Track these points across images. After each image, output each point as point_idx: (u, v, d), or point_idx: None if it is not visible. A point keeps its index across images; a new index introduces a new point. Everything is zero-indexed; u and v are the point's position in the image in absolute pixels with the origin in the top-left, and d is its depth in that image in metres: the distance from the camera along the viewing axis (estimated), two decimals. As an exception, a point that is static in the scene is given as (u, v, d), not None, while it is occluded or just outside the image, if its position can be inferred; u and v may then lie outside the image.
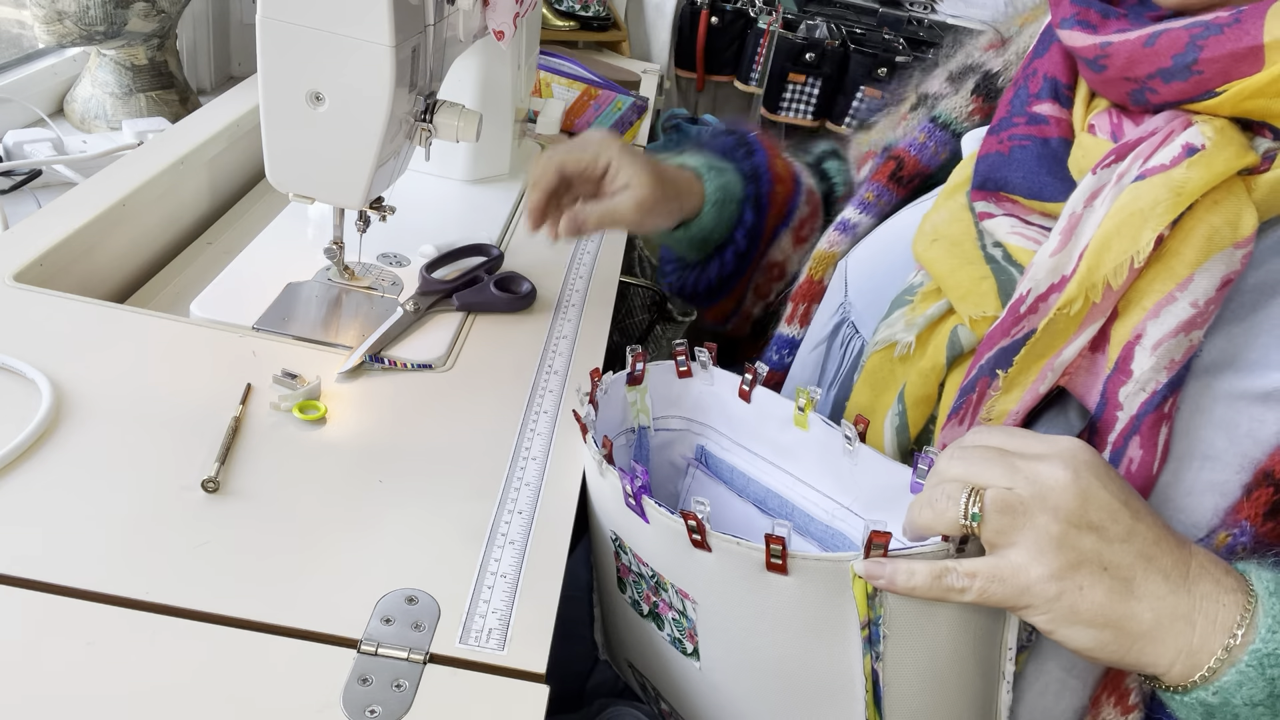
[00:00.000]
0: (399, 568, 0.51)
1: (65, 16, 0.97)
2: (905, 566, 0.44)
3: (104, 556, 0.49)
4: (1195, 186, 0.47)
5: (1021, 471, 0.43)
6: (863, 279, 0.65)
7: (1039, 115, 0.56)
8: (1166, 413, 0.47)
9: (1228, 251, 0.47)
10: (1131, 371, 0.47)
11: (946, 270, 0.56)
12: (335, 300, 0.75)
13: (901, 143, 0.72)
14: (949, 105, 0.70)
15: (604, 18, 1.64)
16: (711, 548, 0.49)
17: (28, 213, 0.79)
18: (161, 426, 0.58)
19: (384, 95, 0.63)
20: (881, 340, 0.58)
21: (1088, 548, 0.42)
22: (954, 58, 0.74)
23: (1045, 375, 0.50)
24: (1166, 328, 0.47)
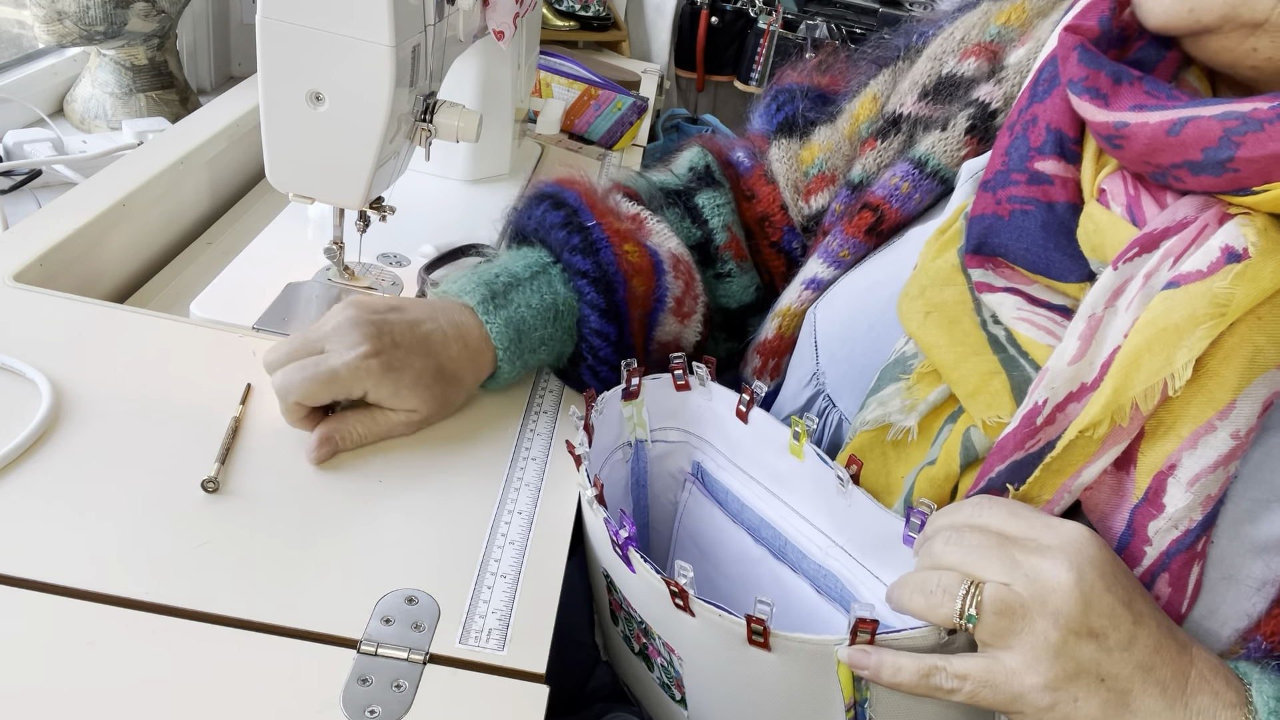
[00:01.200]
0: (399, 568, 0.51)
1: (65, 16, 0.97)
2: (891, 661, 0.42)
3: (104, 556, 0.49)
4: (1240, 304, 0.42)
5: (1021, 567, 0.41)
6: (834, 344, 0.59)
7: (1042, 174, 0.50)
8: (1200, 551, 0.43)
9: (1272, 374, 0.42)
10: (1164, 506, 0.43)
11: (950, 359, 0.50)
12: (335, 300, 0.75)
13: (878, 190, 0.62)
14: (939, 149, 0.60)
15: (604, 18, 1.64)
16: (695, 613, 0.47)
17: (28, 213, 0.79)
18: (161, 426, 0.58)
19: (384, 95, 0.63)
20: (873, 420, 0.53)
21: (1086, 657, 0.40)
22: (918, 63, 0.65)
23: (1062, 496, 0.46)
24: (1205, 462, 0.42)
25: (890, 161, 0.63)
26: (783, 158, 0.72)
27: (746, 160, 0.75)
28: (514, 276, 0.63)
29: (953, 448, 0.50)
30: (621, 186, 0.72)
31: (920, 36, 0.66)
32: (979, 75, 0.61)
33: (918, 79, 0.64)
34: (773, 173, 0.73)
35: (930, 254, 0.55)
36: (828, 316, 0.61)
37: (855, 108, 0.68)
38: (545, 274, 0.64)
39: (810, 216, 0.70)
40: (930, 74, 0.63)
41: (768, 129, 0.73)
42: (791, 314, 0.66)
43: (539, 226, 0.66)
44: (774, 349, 0.67)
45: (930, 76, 0.63)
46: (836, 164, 0.69)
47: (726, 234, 0.72)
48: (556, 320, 0.63)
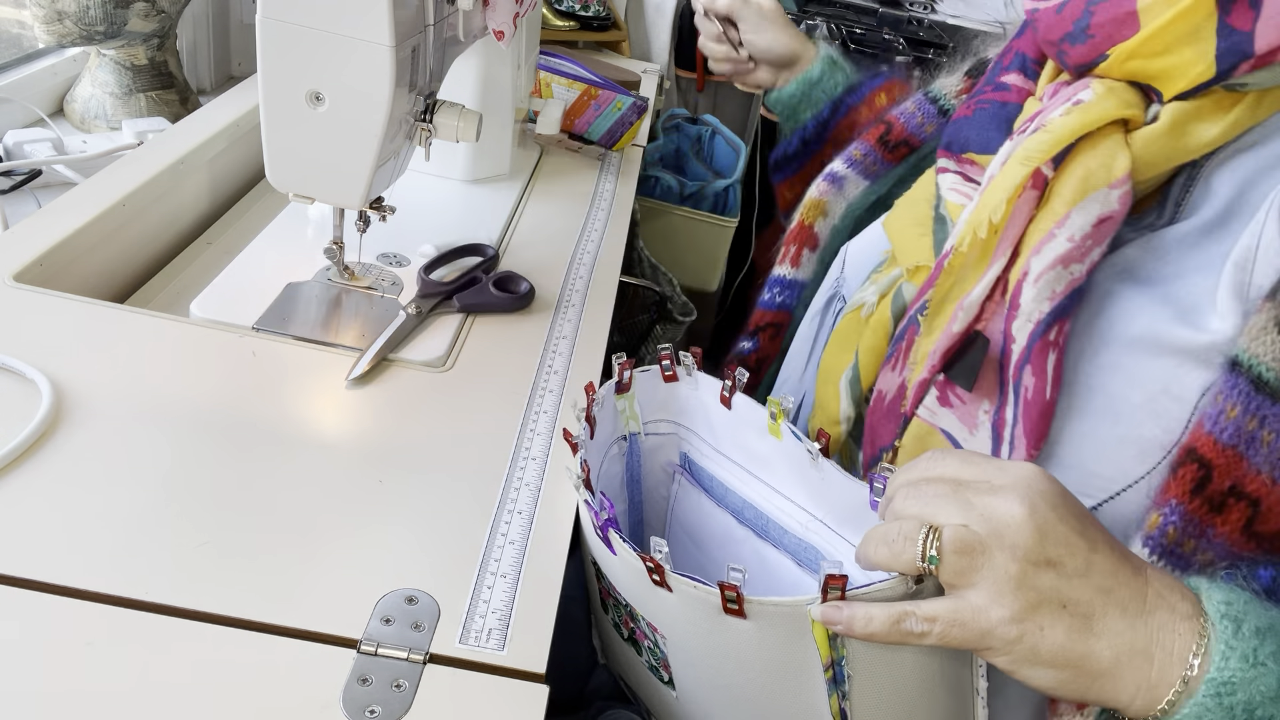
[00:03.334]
0: (399, 568, 0.51)
1: (65, 16, 0.97)
2: (863, 612, 0.43)
3: (104, 556, 0.49)
4: (1068, 130, 0.50)
5: (976, 507, 0.43)
6: (859, 258, 0.68)
7: (1004, 84, 0.61)
8: (1053, 341, 0.49)
9: (1102, 192, 0.50)
10: (1020, 305, 0.50)
11: (897, 230, 0.62)
12: (335, 300, 0.75)
13: (894, 110, 0.78)
14: (943, 84, 0.76)
15: (604, 18, 1.64)
16: (671, 588, 0.48)
17: (28, 213, 0.79)
18: (161, 426, 0.58)
19: (384, 95, 0.63)
20: (854, 301, 0.63)
21: (1046, 586, 0.41)
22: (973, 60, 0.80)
23: (957, 315, 0.53)
24: (1045, 261, 0.50)
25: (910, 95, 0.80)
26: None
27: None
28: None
29: (886, 301, 0.60)
30: None
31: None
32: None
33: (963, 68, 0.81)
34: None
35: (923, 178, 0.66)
36: (857, 246, 0.70)
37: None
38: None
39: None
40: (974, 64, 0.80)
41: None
42: (812, 203, 0.77)
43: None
44: (797, 237, 0.76)
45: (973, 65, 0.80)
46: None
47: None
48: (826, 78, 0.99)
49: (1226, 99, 0.49)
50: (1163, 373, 0.47)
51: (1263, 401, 0.44)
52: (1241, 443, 0.44)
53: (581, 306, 0.81)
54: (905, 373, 0.56)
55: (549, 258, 0.88)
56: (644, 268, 1.26)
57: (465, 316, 0.76)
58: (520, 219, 0.96)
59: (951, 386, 0.54)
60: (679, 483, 0.66)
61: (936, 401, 0.54)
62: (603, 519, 0.50)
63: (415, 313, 0.74)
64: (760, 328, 0.78)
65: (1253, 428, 0.44)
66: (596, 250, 0.92)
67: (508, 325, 0.77)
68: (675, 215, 1.36)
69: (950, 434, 0.54)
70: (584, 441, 0.55)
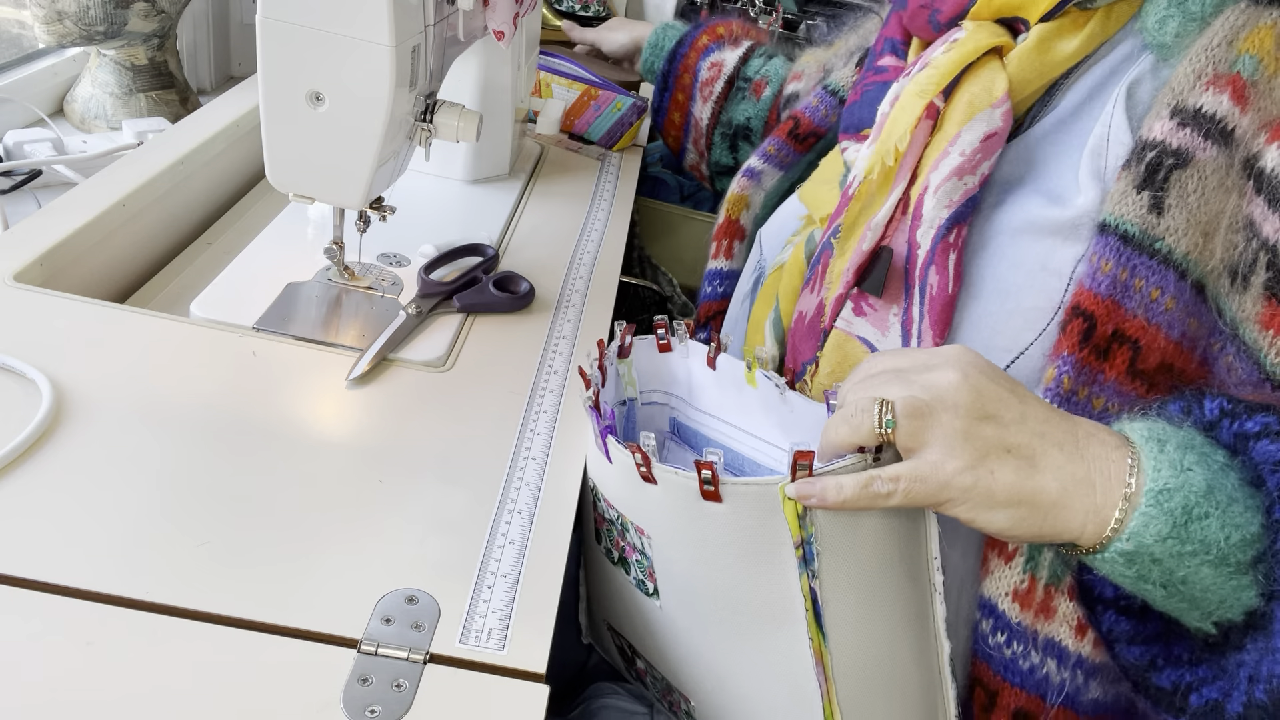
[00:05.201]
0: (399, 568, 0.51)
1: (65, 16, 0.97)
2: (834, 482, 0.47)
3: (104, 556, 0.49)
4: (951, 63, 0.59)
5: (917, 382, 0.47)
6: (772, 239, 0.76)
7: (881, 67, 0.68)
8: (953, 242, 0.56)
9: (986, 112, 0.57)
10: (922, 215, 0.57)
11: (812, 197, 0.70)
12: (335, 300, 0.75)
13: (799, 105, 0.87)
14: (838, 76, 0.85)
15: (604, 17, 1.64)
16: (656, 480, 0.51)
17: (28, 213, 0.79)
18: (161, 426, 0.58)
19: (384, 95, 0.63)
20: (774, 263, 0.70)
21: (990, 435, 0.46)
22: (851, 39, 0.90)
23: (866, 234, 0.60)
24: (942, 175, 0.57)
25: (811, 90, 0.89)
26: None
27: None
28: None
29: (800, 247, 0.67)
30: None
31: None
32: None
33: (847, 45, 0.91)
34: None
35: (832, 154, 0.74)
36: (770, 230, 0.77)
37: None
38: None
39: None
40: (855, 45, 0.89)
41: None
42: (734, 199, 0.84)
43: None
44: (725, 231, 0.83)
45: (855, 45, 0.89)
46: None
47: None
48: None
49: (1081, 17, 0.58)
50: (1040, 251, 0.55)
51: (1131, 254, 0.51)
52: (1117, 292, 0.51)
53: (581, 306, 0.81)
54: (823, 292, 0.62)
55: (549, 258, 0.88)
56: (644, 268, 1.26)
57: (465, 316, 0.76)
58: (520, 219, 0.96)
59: (864, 297, 0.60)
60: (669, 449, 0.69)
61: (852, 313, 0.60)
62: (602, 425, 0.54)
63: (415, 313, 0.74)
64: (709, 319, 0.84)
65: (1125, 277, 0.51)
66: (596, 250, 0.92)
67: (508, 325, 0.77)
68: (675, 215, 1.36)
69: (866, 339, 0.60)
70: (596, 380, 0.59)
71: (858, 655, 0.51)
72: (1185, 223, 0.51)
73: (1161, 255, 0.51)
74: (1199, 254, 0.51)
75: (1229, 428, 0.46)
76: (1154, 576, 0.44)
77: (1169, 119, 0.52)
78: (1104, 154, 0.55)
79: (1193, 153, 0.51)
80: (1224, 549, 0.43)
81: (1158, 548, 0.43)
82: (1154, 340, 0.51)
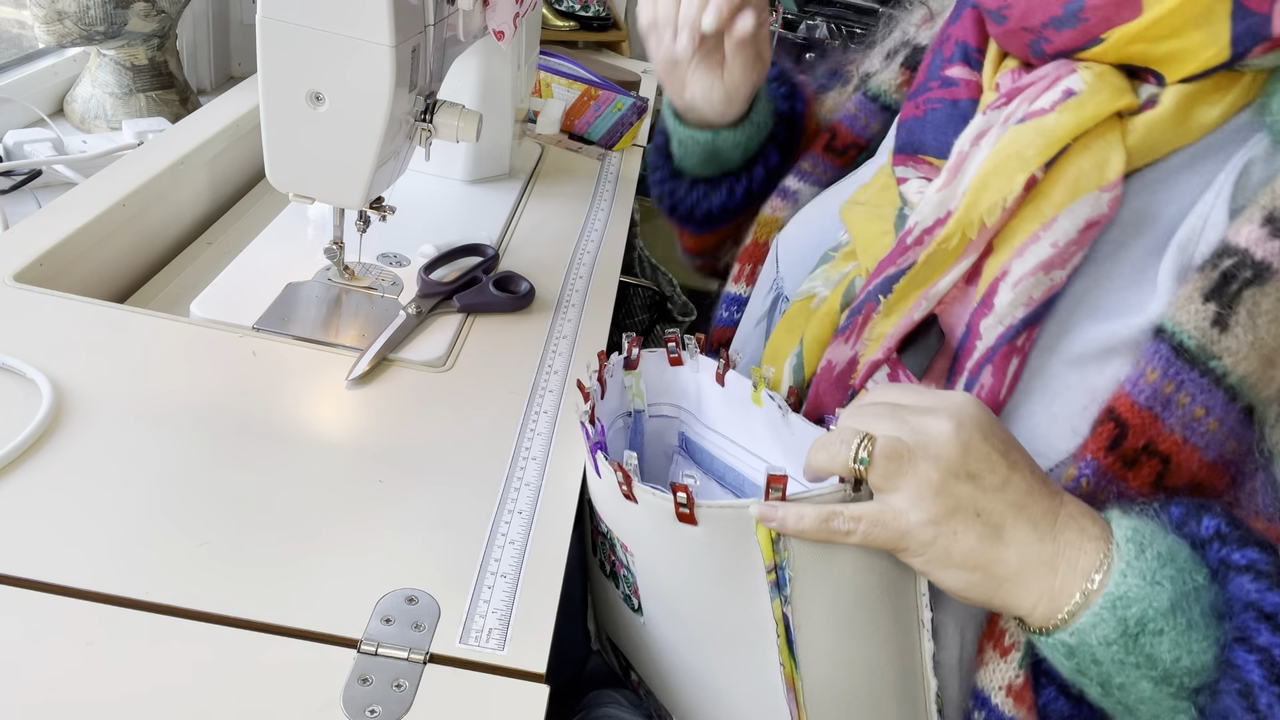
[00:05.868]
0: (399, 568, 0.51)
1: (65, 16, 0.97)
2: (795, 510, 0.46)
3: (104, 556, 0.49)
4: (1065, 131, 0.50)
5: (909, 423, 0.45)
6: (791, 253, 0.68)
7: (950, 78, 0.59)
8: (1019, 346, 0.50)
9: (1093, 195, 0.49)
10: (994, 305, 0.50)
11: (860, 230, 0.60)
12: (335, 300, 0.75)
13: (836, 115, 0.76)
14: (879, 80, 0.74)
15: (604, 18, 1.64)
16: (637, 499, 0.51)
17: (28, 213, 0.79)
18: (161, 426, 0.58)
19: (384, 95, 0.63)
20: (803, 291, 0.62)
21: (964, 495, 0.44)
22: (891, 36, 0.77)
23: (920, 304, 0.53)
24: (1027, 266, 0.50)
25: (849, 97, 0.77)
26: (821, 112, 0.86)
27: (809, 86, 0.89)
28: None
29: (837, 292, 0.59)
30: None
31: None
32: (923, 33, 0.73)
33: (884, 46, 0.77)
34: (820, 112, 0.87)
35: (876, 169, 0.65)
36: (787, 235, 0.70)
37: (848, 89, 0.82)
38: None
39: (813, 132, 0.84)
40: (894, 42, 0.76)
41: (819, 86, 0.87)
42: (765, 221, 0.75)
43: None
44: (750, 255, 0.75)
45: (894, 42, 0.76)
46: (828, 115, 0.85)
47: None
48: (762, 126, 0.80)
49: (1226, 79, 0.50)
50: (1104, 368, 0.49)
51: (1181, 367, 0.46)
52: (1157, 405, 0.47)
53: (581, 306, 0.81)
54: (858, 347, 0.57)
55: (549, 258, 0.88)
56: (644, 268, 1.26)
57: (465, 316, 0.76)
58: (520, 219, 0.96)
59: (902, 366, 0.55)
60: (676, 462, 0.68)
61: (886, 378, 0.56)
62: (592, 441, 0.53)
63: (415, 313, 0.74)
64: (722, 344, 0.76)
65: (1169, 391, 0.47)
66: (596, 250, 0.92)
67: (508, 325, 0.77)
68: (675, 215, 1.35)
69: None
70: (595, 395, 0.58)
71: (833, 684, 0.50)
72: (1249, 345, 0.45)
73: (1215, 375, 0.46)
74: (1257, 379, 0.46)
75: (1217, 551, 0.43)
76: (1092, 674, 0.43)
77: (1260, 225, 0.46)
78: (1193, 248, 0.48)
79: (1276, 269, 0.45)
80: (1169, 670, 0.41)
81: (1100, 650, 0.42)
82: (1187, 460, 0.47)
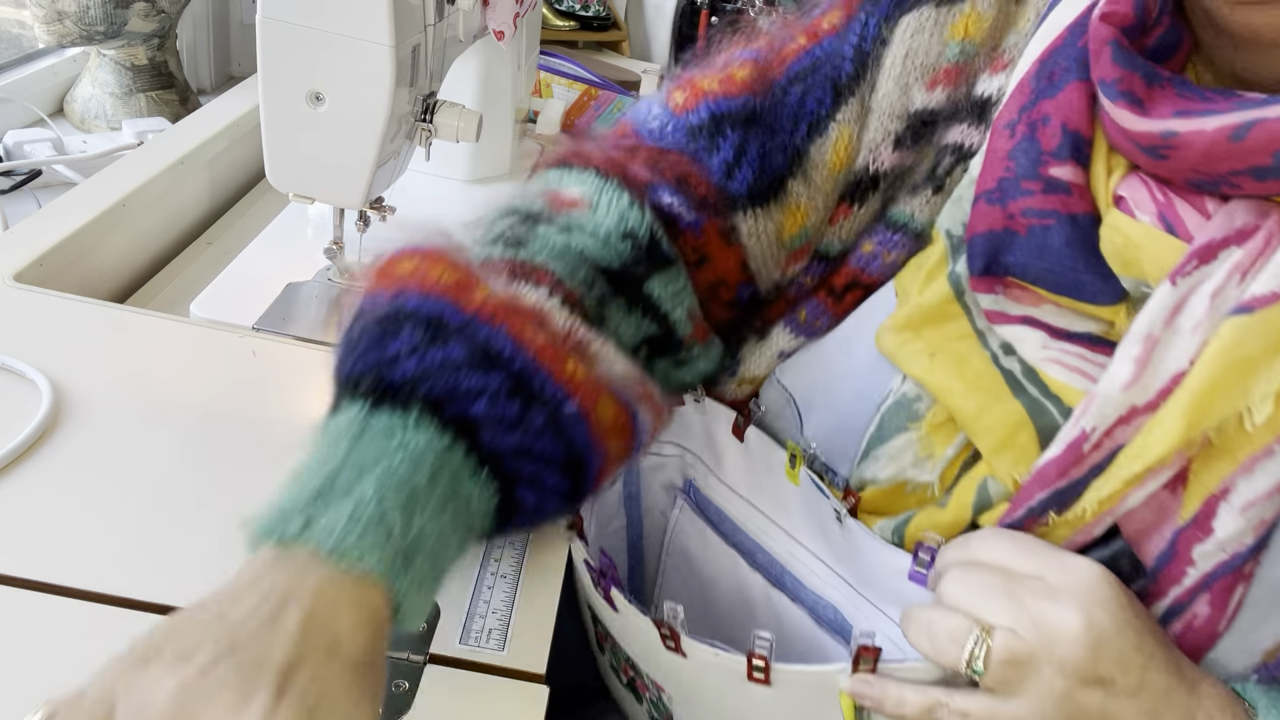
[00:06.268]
0: (399, 568, 0.51)
1: (65, 16, 0.97)
2: (895, 692, 0.41)
3: (104, 556, 0.49)
4: None
5: (1029, 610, 0.40)
6: (817, 406, 0.54)
7: (1059, 181, 0.44)
8: (1246, 574, 0.41)
9: None
10: (1213, 530, 0.41)
11: (971, 409, 0.46)
12: (335, 300, 0.75)
13: (854, 261, 0.54)
14: (918, 207, 0.52)
15: (604, 18, 1.64)
16: (686, 654, 0.45)
17: (28, 213, 0.79)
18: (161, 426, 0.58)
19: (384, 95, 0.63)
20: (886, 480, 0.49)
21: (1092, 704, 0.39)
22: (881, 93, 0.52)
23: (1105, 520, 0.43)
24: (1261, 488, 0.40)
25: (866, 226, 0.55)
26: (759, 230, 0.54)
27: (687, 211, 0.52)
28: (410, 490, 0.39)
29: (965, 496, 0.47)
30: (523, 266, 0.48)
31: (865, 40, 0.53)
32: (950, 109, 0.52)
33: (888, 124, 0.53)
34: (738, 238, 0.54)
35: (917, 284, 0.49)
36: (805, 379, 0.55)
37: (829, 155, 0.53)
38: (450, 470, 0.41)
39: (779, 284, 0.57)
40: (900, 114, 0.52)
41: (721, 180, 0.53)
42: (755, 380, 0.59)
43: (426, 373, 0.42)
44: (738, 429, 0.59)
45: (901, 120, 0.52)
46: (817, 225, 0.55)
47: (690, 323, 0.54)
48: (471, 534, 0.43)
49: None
50: None
51: None
52: None
53: (581, 306, 0.81)
54: None
55: (549, 258, 0.88)
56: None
57: (465, 316, 0.76)
58: (520, 219, 0.96)
59: None
60: (680, 508, 0.62)
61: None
62: (605, 579, 0.47)
63: (415, 313, 0.74)
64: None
65: None
66: (596, 250, 0.92)
67: (508, 325, 0.76)
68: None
69: None
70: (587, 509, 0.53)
71: None
72: None
73: None
74: None
75: None
76: None
77: None
78: None
79: None
80: None
81: None
82: None
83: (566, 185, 0.53)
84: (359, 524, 0.37)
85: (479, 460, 0.42)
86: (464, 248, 0.48)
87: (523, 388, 0.42)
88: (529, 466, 0.43)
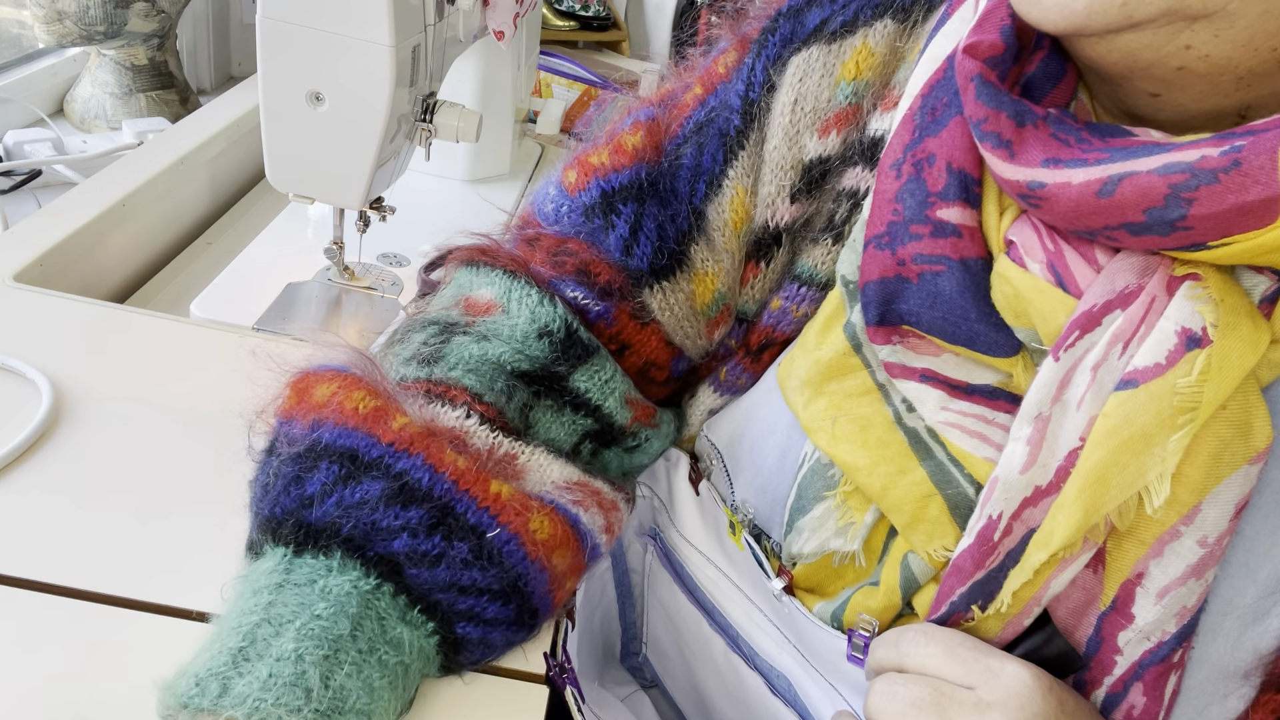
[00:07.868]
0: (399, 568, 0.51)
1: (65, 16, 0.97)
2: None
3: (104, 556, 0.49)
4: (1211, 401, 0.36)
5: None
6: (744, 465, 0.53)
7: (946, 224, 0.41)
8: (1176, 662, 0.40)
9: (1241, 471, 0.37)
10: (1133, 617, 0.39)
11: (877, 484, 0.44)
12: (335, 300, 0.75)
13: (766, 319, 0.53)
14: (819, 259, 0.50)
15: (604, 18, 1.64)
16: None
17: (28, 213, 0.79)
18: (161, 426, 0.58)
19: (384, 95, 0.63)
20: (811, 553, 0.48)
21: None
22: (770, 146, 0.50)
23: (1031, 609, 0.41)
24: (1173, 573, 0.38)
25: (775, 285, 0.53)
26: (670, 304, 0.52)
27: (594, 303, 0.51)
28: (331, 643, 0.37)
29: (891, 577, 0.45)
30: (438, 385, 0.46)
31: (753, 89, 0.51)
32: (843, 153, 0.49)
33: (781, 177, 0.50)
34: (651, 314, 0.52)
35: (814, 333, 0.48)
36: (727, 439, 0.54)
37: (727, 215, 0.51)
38: (376, 614, 0.40)
39: (709, 351, 0.56)
40: (793, 166, 0.50)
41: (621, 259, 0.51)
42: (690, 437, 0.58)
43: (346, 513, 0.40)
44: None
45: (795, 171, 0.50)
46: (730, 287, 0.53)
47: (628, 409, 0.52)
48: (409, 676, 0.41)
49: None
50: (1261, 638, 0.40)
51: None
52: None
53: (581, 306, 0.81)
54: None
55: (549, 258, 0.88)
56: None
57: (465, 316, 0.76)
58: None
59: None
60: (651, 555, 0.60)
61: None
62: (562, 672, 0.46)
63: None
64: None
65: None
66: (596, 250, 0.92)
67: (508, 325, 0.76)
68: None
69: None
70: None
71: None
72: None
73: None
74: None
75: None
76: None
77: None
78: None
79: None
80: None
81: None
82: None
83: (478, 288, 0.51)
84: (275, 686, 0.35)
85: (409, 599, 0.40)
86: (381, 368, 0.46)
87: (445, 519, 0.40)
88: (463, 601, 0.41)
